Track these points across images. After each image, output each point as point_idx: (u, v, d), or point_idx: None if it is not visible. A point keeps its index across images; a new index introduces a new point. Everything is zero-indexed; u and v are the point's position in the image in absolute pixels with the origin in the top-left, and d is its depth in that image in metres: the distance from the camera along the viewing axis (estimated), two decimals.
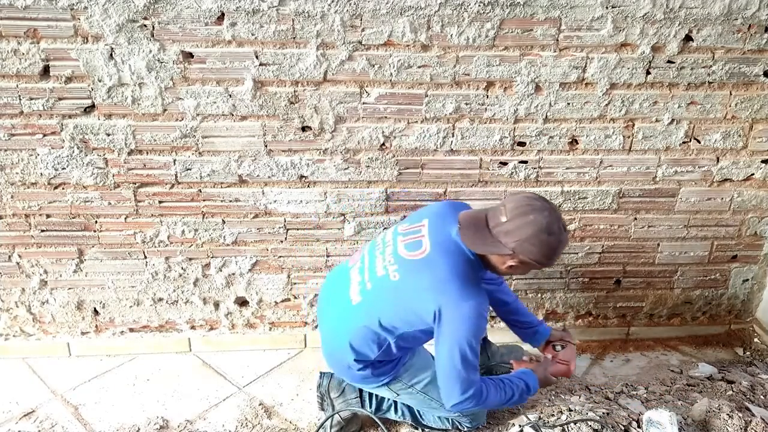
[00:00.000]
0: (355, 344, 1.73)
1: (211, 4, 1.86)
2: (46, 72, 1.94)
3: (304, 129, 2.08)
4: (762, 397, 2.04)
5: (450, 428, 1.95)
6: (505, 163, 2.18)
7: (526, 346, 2.17)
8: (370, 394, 1.99)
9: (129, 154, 2.08)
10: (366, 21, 1.92)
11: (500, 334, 2.37)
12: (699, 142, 2.19)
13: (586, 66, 2.03)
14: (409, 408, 1.97)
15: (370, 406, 1.99)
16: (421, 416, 1.97)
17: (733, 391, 2.07)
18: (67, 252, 2.23)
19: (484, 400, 1.70)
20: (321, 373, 2.04)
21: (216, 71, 1.97)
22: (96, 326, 2.39)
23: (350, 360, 1.75)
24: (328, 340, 1.84)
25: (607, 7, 1.94)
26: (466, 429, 1.93)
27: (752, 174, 2.27)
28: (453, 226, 1.67)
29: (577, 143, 2.17)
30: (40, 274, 2.27)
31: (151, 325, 2.40)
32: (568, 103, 2.09)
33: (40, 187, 2.12)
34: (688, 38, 2.02)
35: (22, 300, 2.31)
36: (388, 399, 1.97)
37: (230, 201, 2.19)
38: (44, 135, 2.03)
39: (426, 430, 1.98)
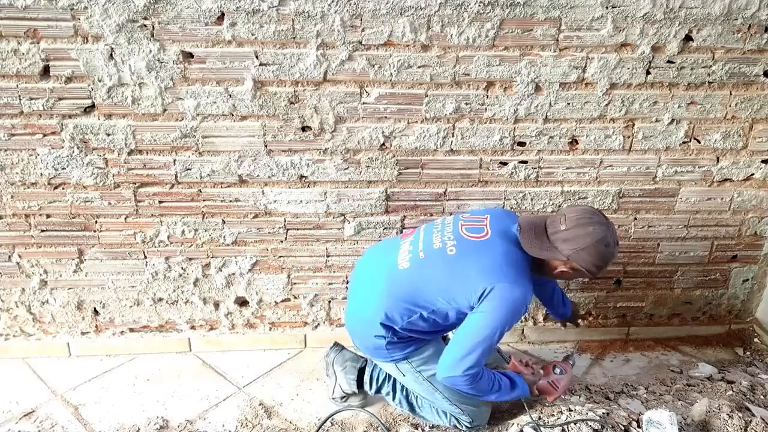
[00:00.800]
0: (388, 307, 1.76)
1: (211, 4, 1.86)
2: (46, 72, 1.94)
3: (304, 129, 2.08)
4: (762, 397, 2.04)
5: (447, 425, 1.95)
6: (505, 163, 2.18)
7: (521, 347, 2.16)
8: (371, 378, 2.01)
9: (129, 154, 2.08)
10: (366, 21, 1.92)
11: None
12: (699, 142, 2.19)
13: (586, 66, 2.03)
14: (407, 398, 1.98)
15: (370, 388, 2.02)
16: (418, 406, 1.98)
17: (733, 391, 2.07)
18: (67, 252, 2.23)
19: (477, 382, 1.71)
20: (334, 343, 2.15)
21: (216, 71, 1.97)
22: (96, 326, 2.39)
23: (376, 323, 1.77)
24: (360, 299, 1.88)
25: (607, 7, 1.94)
26: (464, 428, 1.93)
27: (752, 174, 2.27)
28: (513, 224, 1.78)
29: (577, 143, 2.17)
30: (40, 274, 2.27)
31: (151, 325, 2.40)
32: (568, 103, 2.09)
33: (40, 187, 2.12)
34: (688, 38, 2.02)
35: (22, 300, 2.31)
36: (387, 384, 2.00)
37: (230, 201, 2.19)
38: (44, 135, 2.03)
39: (424, 421, 1.99)
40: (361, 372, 2.05)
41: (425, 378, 1.86)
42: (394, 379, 2.00)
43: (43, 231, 2.19)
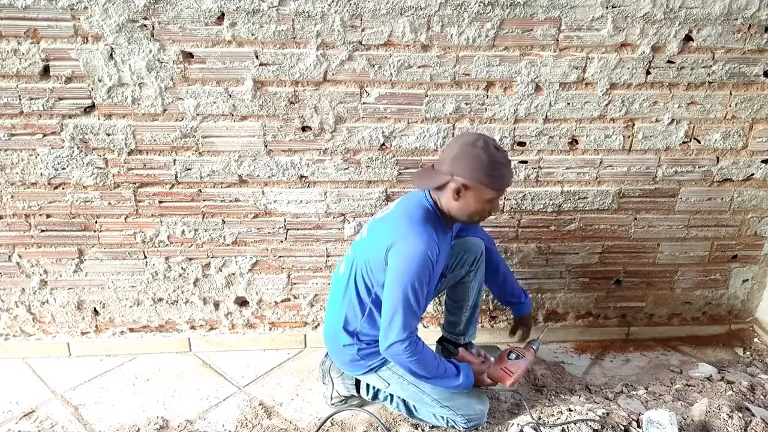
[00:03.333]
0: (343, 312, 1.88)
1: (211, 4, 1.86)
2: (46, 72, 1.94)
3: (304, 129, 2.08)
4: (762, 397, 2.04)
5: (446, 426, 1.94)
6: None
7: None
8: (367, 384, 2.01)
9: (129, 154, 2.08)
10: (366, 21, 1.92)
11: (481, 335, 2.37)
12: (699, 142, 2.19)
13: (586, 66, 2.03)
14: (404, 401, 1.98)
15: (368, 394, 2.02)
16: (415, 409, 1.98)
17: (732, 391, 2.06)
18: (67, 252, 2.23)
19: (417, 353, 1.70)
20: (327, 353, 2.15)
21: (216, 71, 1.97)
22: (96, 326, 2.39)
23: (339, 331, 1.87)
24: (326, 317, 2.01)
25: (607, 7, 1.94)
26: (462, 428, 1.92)
27: (752, 174, 2.27)
28: (420, 192, 1.81)
29: (577, 143, 2.17)
30: (40, 274, 2.27)
31: (151, 325, 2.40)
32: (568, 103, 2.09)
33: (40, 187, 2.11)
34: (688, 38, 2.01)
35: (22, 300, 2.31)
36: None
37: (230, 201, 2.19)
38: (44, 135, 2.03)
39: (423, 423, 1.99)
40: (357, 379, 2.04)
41: (410, 382, 1.86)
42: None
43: (43, 231, 2.19)
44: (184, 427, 2.00)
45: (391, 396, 2.00)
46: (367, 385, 2.02)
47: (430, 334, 2.36)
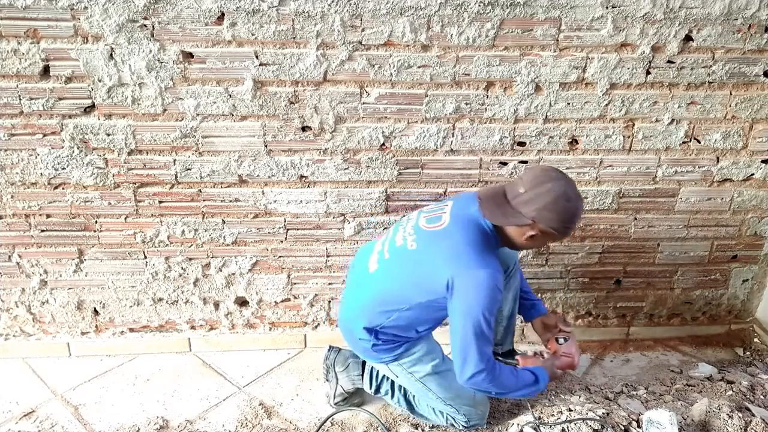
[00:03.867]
0: (366, 312, 1.78)
1: (211, 4, 1.86)
2: (46, 72, 1.94)
3: (304, 129, 2.08)
4: (762, 397, 2.04)
5: (445, 425, 1.94)
6: (505, 163, 2.18)
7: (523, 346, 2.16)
8: (371, 375, 2.01)
9: (129, 154, 2.08)
10: (366, 21, 1.92)
11: None
12: (699, 142, 2.19)
13: (586, 66, 2.03)
14: (405, 396, 1.98)
15: (370, 388, 2.02)
16: (416, 405, 1.98)
17: (732, 391, 2.06)
18: (67, 252, 2.23)
19: (498, 377, 1.69)
20: (330, 347, 2.12)
21: (216, 71, 1.97)
22: (96, 326, 2.38)
23: (359, 328, 1.79)
24: (344, 305, 1.92)
25: (607, 7, 1.94)
26: (461, 427, 1.92)
27: (752, 174, 2.27)
28: (474, 205, 1.72)
29: (577, 143, 2.17)
30: (40, 274, 2.27)
31: (151, 325, 2.40)
32: (568, 103, 2.09)
33: (40, 187, 2.11)
34: (688, 38, 2.01)
35: (22, 300, 2.31)
36: (387, 382, 2.00)
37: (230, 201, 2.18)
38: (44, 135, 2.03)
39: (422, 420, 1.99)
40: (363, 366, 2.04)
41: (417, 379, 1.86)
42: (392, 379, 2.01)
43: (43, 231, 2.19)
44: (184, 427, 1.99)
45: (392, 391, 2.00)
46: (370, 378, 2.01)
47: None
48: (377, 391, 2.03)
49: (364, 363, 2.04)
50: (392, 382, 2.00)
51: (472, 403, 1.89)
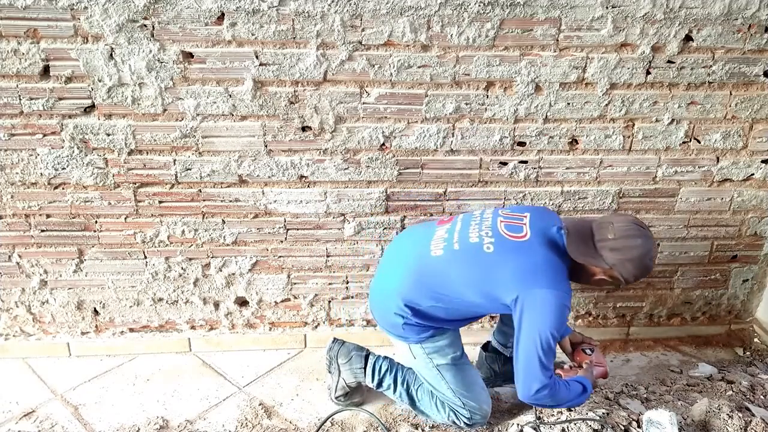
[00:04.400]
0: (413, 289, 1.78)
1: (211, 4, 1.86)
2: (46, 72, 1.94)
3: (304, 129, 2.08)
4: (762, 397, 2.04)
5: (446, 421, 1.94)
6: (505, 163, 2.18)
7: None
8: (373, 368, 2.01)
9: (129, 154, 2.08)
10: (366, 21, 1.92)
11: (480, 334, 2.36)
12: (699, 142, 2.19)
13: (586, 66, 2.03)
14: (408, 391, 1.98)
15: (372, 381, 2.02)
16: (418, 400, 1.98)
17: (733, 391, 2.06)
18: (67, 252, 2.23)
19: (557, 392, 1.71)
20: (334, 338, 2.12)
21: (216, 71, 1.97)
22: (96, 326, 2.38)
23: (399, 302, 1.79)
24: (388, 275, 1.88)
25: (607, 7, 1.94)
26: (462, 424, 1.92)
27: (752, 174, 2.26)
28: (552, 225, 1.78)
29: (577, 143, 2.16)
30: (40, 274, 2.26)
31: (151, 325, 2.40)
32: (568, 103, 2.09)
33: (40, 187, 2.11)
34: (688, 38, 2.01)
35: (22, 300, 2.31)
36: (389, 376, 2.00)
37: (230, 201, 2.18)
38: (44, 135, 2.03)
39: (422, 417, 2.00)
40: (365, 360, 2.04)
41: (434, 365, 1.87)
42: (395, 373, 2.01)
43: (43, 231, 2.19)
44: (184, 427, 1.99)
45: (395, 385, 1.99)
46: (372, 373, 2.01)
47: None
48: (379, 385, 2.02)
49: (366, 357, 2.04)
50: (395, 377, 2.00)
51: (478, 400, 1.90)
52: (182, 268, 2.29)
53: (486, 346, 2.25)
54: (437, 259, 1.77)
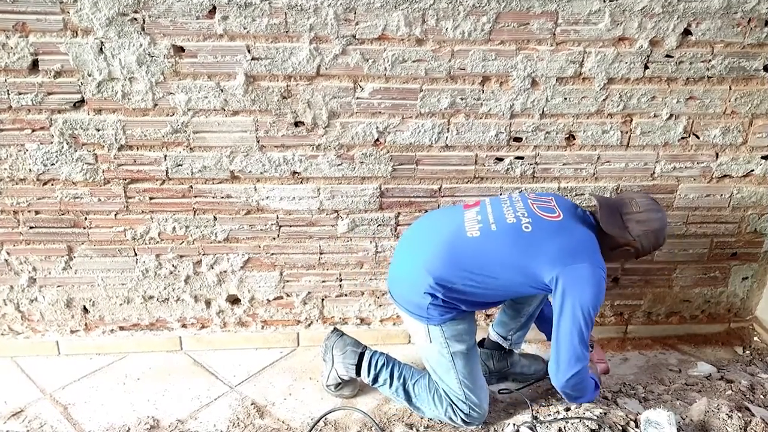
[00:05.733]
0: (447, 268, 1.78)
1: None
2: (35, 66, 1.92)
3: (296, 124, 2.06)
4: (762, 396, 2.03)
5: (443, 417, 1.93)
6: (501, 159, 2.16)
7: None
8: (369, 364, 2.01)
9: (119, 149, 2.06)
10: (360, 14, 1.90)
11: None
12: (698, 137, 2.17)
13: (583, 60, 2.01)
14: (404, 387, 1.97)
15: (368, 376, 2.01)
16: (414, 395, 1.97)
17: (732, 390, 2.05)
18: (57, 249, 2.21)
19: (584, 380, 1.76)
20: (334, 328, 2.14)
21: (207, 65, 1.95)
22: (85, 324, 2.36)
23: (430, 280, 1.78)
24: (419, 254, 1.85)
25: (604, 1, 1.92)
26: (459, 420, 1.91)
27: (752, 170, 2.25)
28: (573, 206, 1.90)
29: (575, 139, 2.15)
30: (29, 272, 2.24)
31: (141, 324, 2.38)
32: (565, 98, 2.07)
33: (29, 183, 2.09)
34: (686, 32, 1.99)
35: (10, 298, 2.28)
36: (385, 371, 1.99)
37: (222, 197, 2.16)
38: (33, 130, 2.01)
39: (418, 414, 1.99)
40: (360, 358, 2.03)
41: (449, 351, 1.86)
42: (392, 368, 2.00)
43: (32, 228, 2.17)
44: (174, 427, 1.97)
45: (391, 380, 1.98)
46: (368, 368, 2.00)
47: None
48: (375, 380, 2.01)
49: (362, 354, 2.03)
50: (391, 371, 1.99)
51: (480, 397, 1.90)
52: (173, 266, 2.27)
53: (481, 343, 2.23)
54: (475, 240, 1.79)
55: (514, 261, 1.74)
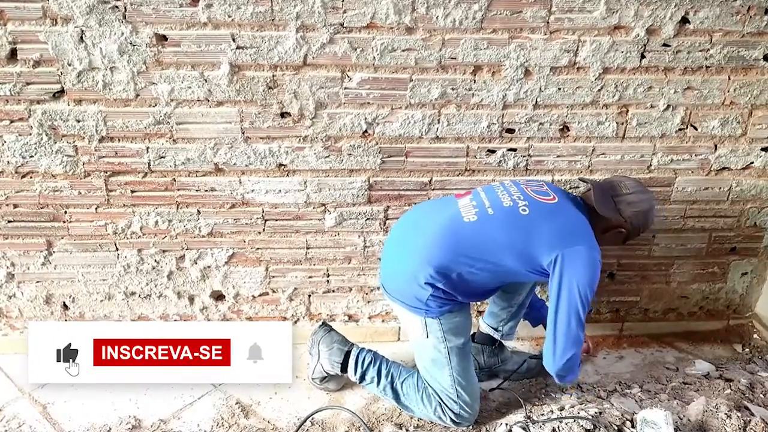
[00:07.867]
0: (446, 256, 1.78)
1: None
2: (13, 55, 1.89)
3: (282, 115, 2.03)
4: (761, 395, 2.01)
5: (431, 416, 1.91)
6: (493, 151, 2.13)
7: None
8: (356, 362, 2.00)
9: (100, 141, 2.03)
10: (348, 2, 1.87)
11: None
12: (696, 129, 2.15)
13: (577, 49, 1.98)
14: (392, 385, 1.96)
15: (354, 374, 2.00)
16: (403, 394, 1.96)
17: (731, 389, 2.04)
18: (36, 243, 2.18)
19: (576, 359, 1.79)
20: (323, 322, 2.15)
21: (191, 55, 1.92)
22: (65, 321, 2.32)
23: (430, 270, 1.77)
24: (415, 245, 1.84)
25: None
26: (449, 420, 1.89)
27: (751, 162, 2.23)
28: (567, 192, 1.95)
29: (569, 130, 2.12)
30: (7, 267, 2.21)
31: (123, 320, 2.34)
32: (559, 89, 2.04)
33: (7, 176, 2.06)
34: (684, 20, 1.97)
35: None
36: (372, 369, 1.98)
37: (206, 190, 2.13)
38: (11, 121, 1.98)
39: (406, 413, 1.98)
40: (346, 356, 2.02)
41: (445, 346, 1.85)
42: (379, 365, 1.99)
43: (10, 222, 2.14)
44: (157, 427, 1.95)
45: (378, 378, 1.97)
46: (355, 365, 1.99)
47: None
48: (362, 378, 1.99)
49: (348, 352, 2.02)
50: (379, 369, 1.98)
51: (471, 395, 1.89)
52: (155, 261, 2.24)
53: (472, 338, 2.20)
54: (472, 225, 1.79)
55: (512, 243, 1.76)
